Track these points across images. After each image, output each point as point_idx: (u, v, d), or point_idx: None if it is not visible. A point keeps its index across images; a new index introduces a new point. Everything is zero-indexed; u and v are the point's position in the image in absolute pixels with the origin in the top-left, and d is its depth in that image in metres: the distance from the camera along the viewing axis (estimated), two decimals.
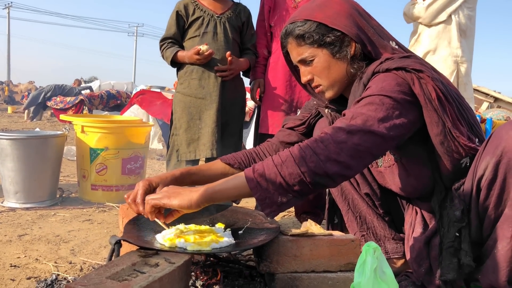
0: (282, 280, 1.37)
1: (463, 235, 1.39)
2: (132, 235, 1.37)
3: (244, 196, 1.34)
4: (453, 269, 1.39)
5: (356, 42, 1.45)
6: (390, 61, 1.39)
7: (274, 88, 2.28)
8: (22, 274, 1.63)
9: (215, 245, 1.35)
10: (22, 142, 2.62)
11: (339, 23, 1.44)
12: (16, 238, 2.05)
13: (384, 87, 1.32)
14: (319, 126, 1.71)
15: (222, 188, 1.30)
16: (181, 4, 2.29)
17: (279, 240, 1.39)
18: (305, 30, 1.46)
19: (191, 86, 2.26)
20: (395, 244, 1.69)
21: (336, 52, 1.46)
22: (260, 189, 1.25)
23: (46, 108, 11.28)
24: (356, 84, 1.47)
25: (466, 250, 1.37)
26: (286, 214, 2.73)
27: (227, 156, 1.69)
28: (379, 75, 1.38)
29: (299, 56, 1.52)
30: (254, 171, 1.26)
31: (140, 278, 1.10)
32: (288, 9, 2.26)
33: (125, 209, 1.76)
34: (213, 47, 2.22)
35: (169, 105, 5.33)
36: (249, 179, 1.26)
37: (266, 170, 1.25)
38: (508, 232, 1.31)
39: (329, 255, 1.40)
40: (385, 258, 1.15)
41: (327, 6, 1.48)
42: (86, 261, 1.80)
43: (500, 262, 1.33)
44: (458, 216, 1.39)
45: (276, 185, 1.24)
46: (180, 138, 2.25)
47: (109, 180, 2.87)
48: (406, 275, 1.60)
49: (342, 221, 1.80)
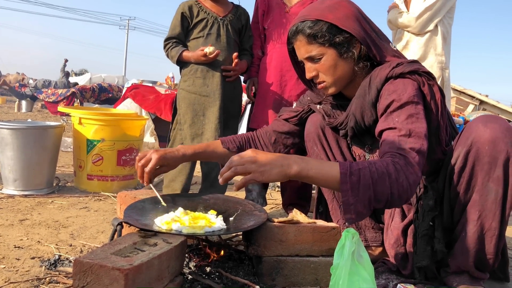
0: (268, 263, 1.50)
1: (437, 223, 1.53)
2: (132, 218, 1.49)
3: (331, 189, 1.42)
4: (427, 256, 1.53)
5: (362, 44, 1.56)
6: (402, 66, 1.51)
7: (266, 87, 2.41)
8: (26, 255, 1.75)
9: (208, 229, 1.47)
10: (22, 132, 2.73)
11: (349, 25, 1.53)
12: (17, 223, 2.16)
13: (410, 94, 1.44)
14: (311, 120, 1.83)
15: (314, 175, 1.34)
16: (185, 5, 2.40)
17: (266, 226, 1.52)
18: (316, 30, 1.54)
19: (195, 84, 2.38)
20: (374, 233, 1.82)
21: (344, 52, 1.56)
22: (351, 194, 1.29)
23: (36, 100, 11.31)
24: (365, 86, 1.57)
25: (439, 238, 1.52)
26: (274, 206, 2.86)
27: (226, 139, 1.85)
28: (396, 81, 1.49)
29: (308, 54, 1.59)
30: (349, 174, 1.30)
31: (141, 255, 1.22)
32: (281, 13, 2.39)
33: (123, 197, 1.88)
34: (216, 48, 2.33)
35: (162, 100, 5.44)
36: (343, 181, 1.30)
37: (362, 179, 1.29)
38: (475, 216, 1.44)
39: (312, 240, 1.53)
40: (362, 243, 1.28)
41: (337, 9, 1.56)
42: (86, 244, 1.91)
43: (468, 244, 1.47)
44: (431, 205, 1.53)
45: (365, 196, 1.29)
46: (184, 133, 2.36)
47: (105, 171, 2.98)
48: (383, 262, 1.73)
49: (327, 210, 1.92)
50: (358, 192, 1.29)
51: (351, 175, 1.30)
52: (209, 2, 2.41)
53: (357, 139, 1.73)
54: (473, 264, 1.48)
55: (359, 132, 1.66)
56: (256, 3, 2.50)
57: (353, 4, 1.61)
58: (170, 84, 8.79)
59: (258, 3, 2.48)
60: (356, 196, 1.29)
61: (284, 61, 2.36)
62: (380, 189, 1.29)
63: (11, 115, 9.97)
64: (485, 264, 1.48)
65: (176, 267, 1.34)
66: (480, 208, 1.44)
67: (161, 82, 11.18)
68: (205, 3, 2.41)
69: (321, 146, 1.81)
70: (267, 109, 2.39)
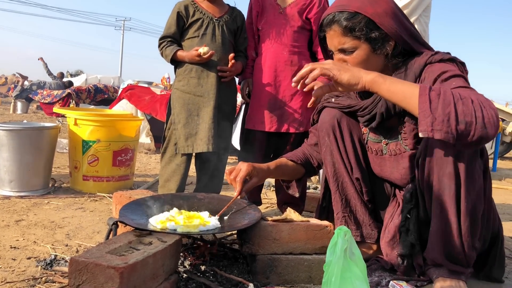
0: (262, 261, 1.52)
1: (412, 216, 1.55)
2: (127, 218, 1.51)
3: (405, 104, 1.34)
4: (406, 246, 1.56)
5: (395, 42, 1.57)
6: (440, 54, 1.55)
7: (261, 87, 2.43)
8: (22, 255, 1.76)
9: (203, 228, 1.49)
10: (18, 133, 2.74)
11: (386, 23, 1.54)
12: (13, 223, 2.17)
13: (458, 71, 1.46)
14: (326, 111, 1.84)
15: (390, 85, 1.34)
16: (181, 5, 2.41)
17: (260, 225, 1.54)
18: (354, 23, 1.53)
19: (190, 84, 2.39)
20: (371, 231, 1.81)
21: (378, 48, 1.56)
22: (428, 106, 1.25)
23: (31, 101, 11.29)
24: (401, 74, 1.58)
25: (412, 230, 1.54)
26: (269, 206, 2.88)
27: (288, 155, 1.96)
28: (437, 64, 1.51)
29: (340, 45, 1.58)
30: (430, 89, 1.28)
31: (136, 254, 1.24)
32: (275, 14, 2.40)
33: (118, 197, 1.90)
34: (211, 48, 2.33)
35: (157, 100, 5.45)
36: (422, 93, 1.27)
37: (443, 95, 1.25)
38: (437, 210, 1.46)
39: (305, 239, 1.56)
40: (354, 240, 1.30)
41: (377, 3, 1.55)
42: (82, 244, 1.93)
43: (435, 238, 1.49)
44: (407, 198, 1.56)
45: (445, 112, 1.24)
46: (178, 133, 2.37)
47: (100, 171, 2.99)
48: (376, 260, 1.75)
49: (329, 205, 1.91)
50: (437, 106, 1.24)
51: (431, 90, 1.27)
52: (206, 2, 2.42)
53: (379, 128, 1.72)
54: (444, 258, 1.49)
55: (386, 119, 1.66)
56: (250, 4, 2.51)
57: (392, 0, 1.61)
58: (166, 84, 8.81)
59: (252, 4, 2.49)
60: (435, 109, 1.24)
61: (278, 61, 2.38)
62: (462, 109, 1.24)
63: (6, 116, 9.95)
64: (457, 258, 1.49)
65: (171, 265, 1.36)
66: (440, 203, 1.46)
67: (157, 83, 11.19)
68: (202, 3, 2.42)
69: (334, 136, 1.79)
70: (262, 110, 2.41)
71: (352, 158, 1.78)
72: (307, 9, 2.40)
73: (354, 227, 1.81)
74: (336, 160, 1.79)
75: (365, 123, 1.74)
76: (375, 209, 1.85)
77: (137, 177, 3.56)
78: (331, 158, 1.80)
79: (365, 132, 1.80)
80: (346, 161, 1.78)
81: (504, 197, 3.91)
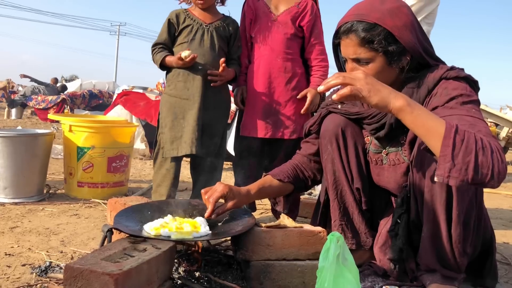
0: (256, 267, 1.53)
1: (402, 221, 1.56)
2: (122, 225, 1.52)
3: (426, 140, 1.31)
4: (395, 250, 1.57)
5: (412, 55, 1.55)
6: (456, 70, 1.53)
7: (255, 94, 2.44)
8: (17, 262, 1.76)
9: (196, 234, 1.51)
10: (13, 139, 2.74)
11: (405, 37, 1.51)
12: (8, 230, 2.17)
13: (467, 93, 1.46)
14: (330, 118, 1.80)
15: (416, 118, 1.30)
16: (173, 13, 2.45)
17: (254, 231, 1.55)
18: (373, 35, 1.50)
19: (177, 88, 2.41)
20: (366, 239, 1.81)
21: (393, 62, 1.54)
22: (451, 151, 1.23)
23: (25, 107, 11.27)
24: (413, 86, 1.57)
25: (400, 235, 1.55)
26: (263, 212, 2.89)
27: (275, 172, 1.88)
28: (453, 81, 1.50)
29: (356, 55, 1.55)
30: (455, 131, 1.25)
31: (131, 260, 1.25)
32: (268, 22, 2.42)
33: (113, 203, 1.91)
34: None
35: (152, 106, 5.46)
36: (447, 136, 1.25)
37: (466, 140, 1.24)
38: (429, 215, 1.48)
39: (299, 245, 1.57)
40: (347, 246, 1.31)
41: (397, 15, 1.52)
42: (76, 250, 1.93)
43: (427, 244, 1.50)
44: (398, 203, 1.57)
45: (465, 161, 1.23)
46: (165, 137, 2.39)
47: (95, 178, 2.99)
48: (369, 265, 1.76)
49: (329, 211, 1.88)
50: (459, 152, 1.23)
51: (457, 133, 1.25)
52: (198, 10, 2.46)
53: (386, 137, 1.70)
54: (437, 262, 1.50)
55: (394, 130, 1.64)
56: (243, 11, 2.54)
57: (411, 11, 1.59)
58: (160, 90, 8.79)
59: (244, 12, 2.52)
60: (456, 156, 1.23)
61: (272, 68, 2.40)
62: (481, 160, 1.23)
63: (0, 122, 9.92)
64: (449, 264, 1.50)
65: (165, 272, 1.37)
66: (432, 209, 1.47)
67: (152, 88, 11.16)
68: (194, 11, 2.46)
69: (337, 145, 1.76)
70: (256, 116, 2.43)
71: (354, 168, 1.76)
72: (300, 17, 2.42)
73: (351, 235, 1.81)
74: (337, 168, 1.78)
75: (372, 131, 1.72)
76: (372, 217, 1.85)
77: (131, 183, 3.57)
78: (332, 166, 1.79)
79: (367, 142, 1.80)
80: (347, 170, 1.77)
81: (498, 202, 3.94)
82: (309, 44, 2.47)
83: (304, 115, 2.44)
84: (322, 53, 2.49)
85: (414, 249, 1.59)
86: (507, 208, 3.71)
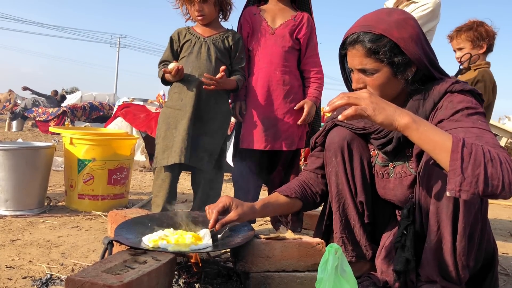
0: (255, 279, 1.55)
1: (409, 232, 1.56)
2: (122, 237, 1.53)
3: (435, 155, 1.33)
4: (401, 262, 1.55)
5: (417, 67, 1.57)
6: (461, 84, 1.55)
7: (254, 107, 2.46)
8: (18, 274, 1.77)
9: (194, 247, 1.52)
10: (14, 152, 2.76)
11: (411, 49, 1.53)
12: (9, 243, 2.18)
13: (472, 105, 1.48)
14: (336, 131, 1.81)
15: (423, 134, 1.32)
16: (176, 31, 2.53)
17: (253, 243, 1.57)
18: (379, 46, 1.51)
19: (172, 99, 2.46)
20: (366, 251, 1.81)
21: (399, 73, 1.55)
22: (460, 165, 1.24)
23: (26, 119, 11.31)
24: (419, 99, 1.58)
25: (408, 246, 1.55)
26: (263, 223, 2.90)
27: (282, 189, 1.87)
28: (459, 95, 1.52)
29: (362, 66, 1.56)
30: (463, 144, 1.26)
31: (131, 272, 1.27)
32: (266, 35, 2.46)
33: (114, 216, 1.93)
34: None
35: (152, 118, 5.48)
36: (454, 150, 1.26)
37: (474, 152, 1.25)
38: (434, 227, 1.48)
39: (298, 256, 1.58)
40: (345, 258, 1.32)
41: (404, 27, 1.53)
42: (77, 263, 1.94)
43: (430, 255, 1.50)
44: (405, 214, 1.57)
45: (474, 174, 1.24)
46: (159, 146, 2.42)
47: (96, 190, 3.01)
48: (368, 276, 1.76)
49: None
50: (468, 165, 1.24)
51: (464, 147, 1.26)
52: (200, 27, 2.51)
53: (392, 152, 1.70)
54: (438, 274, 1.50)
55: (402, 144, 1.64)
56: (239, 25, 2.57)
57: (418, 24, 1.60)
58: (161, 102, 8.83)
59: (241, 25, 2.55)
60: (466, 169, 1.24)
61: (271, 81, 2.43)
62: (491, 172, 1.24)
63: (1, 134, 9.94)
64: (451, 276, 1.50)
65: (165, 284, 1.38)
66: (437, 221, 1.47)
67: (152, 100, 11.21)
68: (196, 28, 2.52)
69: (341, 158, 1.76)
70: (256, 129, 2.45)
71: (358, 181, 1.76)
72: (297, 29, 2.46)
73: (351, 247, 1.80)
74: (341, 181, 1.78)
75: (379, 146, 1.73)
76: (374, 230, 1.84)
77: (132, 195, 3.58)
78: (335, 179, 1.79)
79: (373, 156, 1.81)
80: (351, 183, 1.77)
81: (497, 212, 3.95)
82: (305, 56, 2.51)
83: (301, 127, 2.46)
84: (318, 65, 2.52)
85: (416, 259, 1.59)
86: (506, 218, 3.72)
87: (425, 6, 3.17)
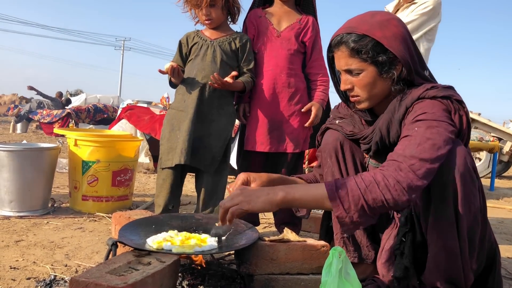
0: (259, 281, 1.54)
1: (407, 239, 1.56)
2: (126, 238, 1.53)
3: (321, 208, 1.43)
4: (400, 268, 1.55)
5: (403, 66, 1.56)
6: (436, 89, 1.52)
7: (259, 109, 2.46)
8: (22, 275, 1.77)
9: (198, 249, 1.52)
10: (19, 153, 2.77)
11: (395, 46, 1.53)
12: (13, 244, 2.18)
13: (436, 113, 1.45)
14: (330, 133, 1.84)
15: (301, 197, 1.40)
16: (185, 35, 2.55)
17: (258, 245, 1.56)
18: (361, 45, 1.53)
19: (176, 101, 2.47)
20: (368, 252, 1.82)
21: (384, 72, 1.56)
22: (342, 208, 1.34)
23: (30, 121, 11.35)
24: (395, 103, 1.58)
25: (407, 253, 1.54)
26: (267, 226, 2.89)
27: (300, 175, 1.92)
28: (426, 101, 1.50)
29: (347, 66, 1.59)
30: (336, 190, 1.34)
31: (135, 274, 1.26)
32: (271, 38, 2.46)
33: (118, 217, 1.92)
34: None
35: (156, 120, 5.49)
36: (331, 197, 1.34)
37: (350, 192, 1.33)
38: (434, 236, 1.47)
39: (302, 259, 1.58)
40: (349, 260, 1.32)
41: (387, 26, 1.55)
42: (81, 264, 1.94)
43: (433, 264, 1.49)
44: (402, 221, 1.57)
45: (358, 207, 1.33)
46: (163, 148, 2.42)
47: (100, 191, 3.01)
48: (372, 279, 1.76)
49: None
50: (349, 204, 1.33)
51: (338, 190, 1.34)
52: (209, 30, 2.52)
53: (378, 156, 1.72)
54: (444, 282, 1.50)
55: (382, 148, 1.64)
56: (244, 27, 2.57)
57: (403, 24, 1.61)
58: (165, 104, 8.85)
59: (246, 28, 2.55)
60: (349, 209, 1.33)
61: (276, 83, 2.43)
62: (371, 197, 1.32)
63: (6, 136, 9.98)
64: (455, 280, 1.49)
65: (169, 285, 1.38)
66: (438, 227, 1.46)
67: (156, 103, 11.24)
68: (205, 31, 2.53)
69: (336, 158, 1.80)
70: (260, 131, 2.44)
71: None
72: (302, 32, 2.46)
73: (352, 248, 1.82)
74: None
75: (364, 151, 1.76)
76: (373, 230, 1.85)
77: (136, 197, 3.58)
78: (332, 179, 1.80)
79: (366, 156, 1.82)
80: None
81: (501, 217, 3.93)
82: (311, 59, 2.51)
83: (306, 129, 2.46)
84: (323, 68, 2.52)
85: (419, 266, 1.59)
86: (510, 223, 3.70)
87: (425, 4, 3.18)
